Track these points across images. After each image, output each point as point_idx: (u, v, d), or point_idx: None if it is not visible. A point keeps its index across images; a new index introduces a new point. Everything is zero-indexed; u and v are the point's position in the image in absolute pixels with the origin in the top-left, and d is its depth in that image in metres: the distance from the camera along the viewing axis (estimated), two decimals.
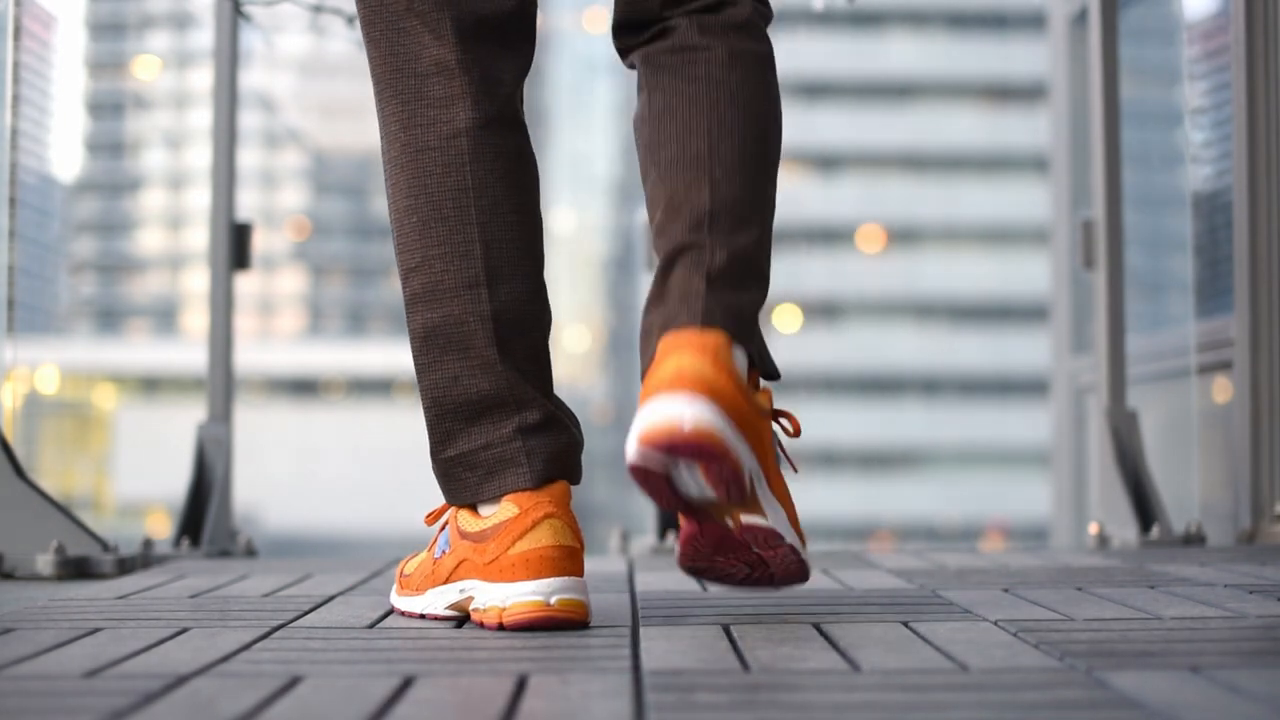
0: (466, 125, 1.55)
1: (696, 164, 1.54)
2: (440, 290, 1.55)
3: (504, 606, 1.49)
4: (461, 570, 1.56)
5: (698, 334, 1.45)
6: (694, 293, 1.48)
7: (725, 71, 1.57)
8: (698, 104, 1.56)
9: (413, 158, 1.56)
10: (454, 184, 1.55)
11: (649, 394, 1.42)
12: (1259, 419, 2.82)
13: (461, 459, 1.56)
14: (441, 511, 1.64)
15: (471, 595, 1.55)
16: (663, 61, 1.60)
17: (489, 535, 1.52)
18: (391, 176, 1.60)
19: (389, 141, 1.61)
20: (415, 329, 1.58)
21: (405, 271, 1.58)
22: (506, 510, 1.52)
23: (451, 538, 1.58)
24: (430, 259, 1.56)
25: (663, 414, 1.40)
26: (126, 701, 1.11)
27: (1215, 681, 1.15)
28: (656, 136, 1.58)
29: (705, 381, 1.41)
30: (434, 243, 1.55)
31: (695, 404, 1.40)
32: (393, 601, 1.69)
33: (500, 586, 1.50)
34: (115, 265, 52.53)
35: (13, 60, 2.61)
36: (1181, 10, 4.01)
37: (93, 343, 48.33)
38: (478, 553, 1.53)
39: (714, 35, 1.59)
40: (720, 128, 1.55)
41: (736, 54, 1.58)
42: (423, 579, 1.62)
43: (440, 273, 1.55)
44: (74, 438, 42.27)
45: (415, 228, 1.56)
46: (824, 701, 1.10)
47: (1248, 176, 2.85)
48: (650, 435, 1.40)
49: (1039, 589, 1.82)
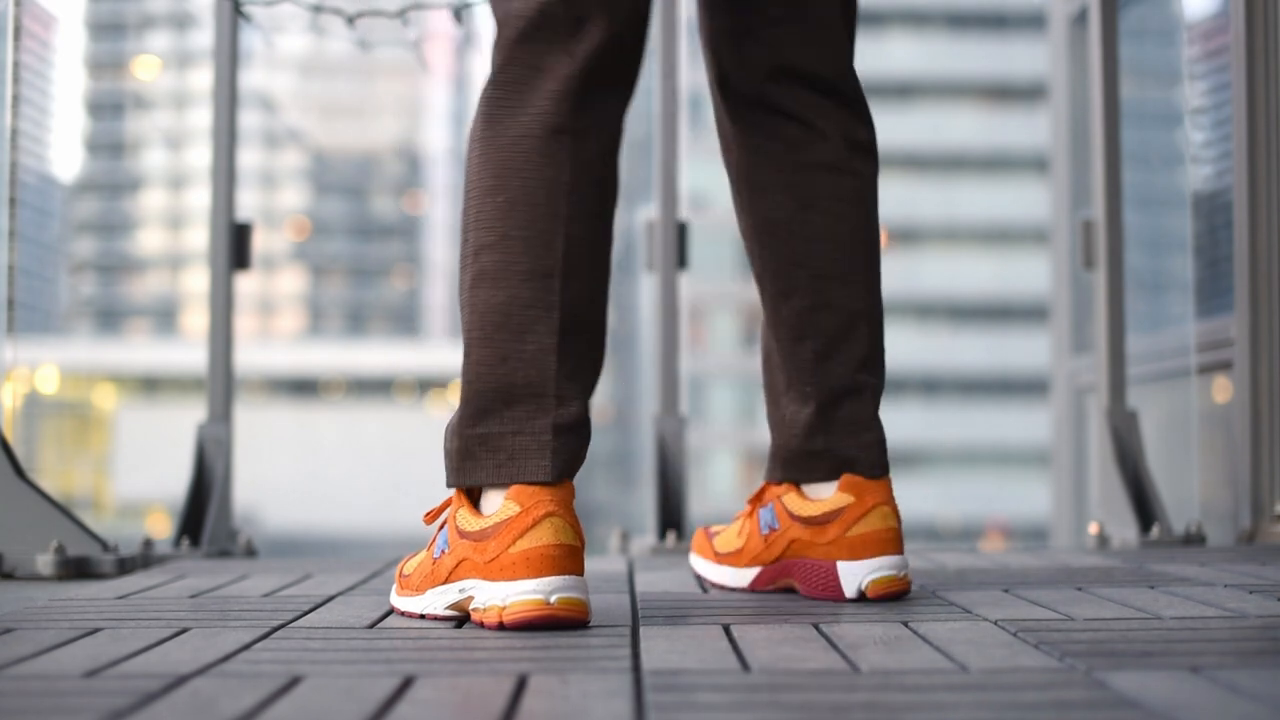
0: (573, 126, 1.60)
1: (860, 293, 1.80)
2: (513, 272, 1.58)
3: (504, 605, 1.49)
4: (461, 570, 1.56)
5: (888, 487, 1.77)
6: (874, 441, 1.79)
7: (872, 204, 1.83)
8: (858, 231, 1.81)
9: (513, 141, 1.60)
10: (551, 176, 1.59)
11: (877, 549, 1.74)
12: (1259, 419, 2.82)
13: (487, 439, 1.58)
14: (440, 510, 1.65)
15: (471, 595, 1.55)
16: (810, 164, 1.79)
17: (489, 534, 1.53)
18: (482, 152, 1.62)
19: (488, 121, 1.62)
20: (476, 303, 1.60)
21: (477, 246, 1.60)
22: (508, 509, 1.53)
23: (450, 537, 1.59)
24: (510, 240, 1.59)
25: (889, 571, 1.74)
26: (126, 701, 1.11)
27: (1215, 681, 1.15)
28: (818, 248, 1.79)
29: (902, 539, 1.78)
30: (517, 225, 1.59)
31: (905, 561, 1.76)
32: (393, 602, 1.69)
33: (500, 585, 1.50)
34: (115, 265, 52.51)
35: (13, 60, 2.61)
36: (1181, 10, 4.01)
37: (93, 343, 48.35)
38: (478, 551, 1.53)
39: (862, 157, 1.81)
40: (872, 263, 1.82)
41: (869, 180, 1.82)
42: (422, 579, 1.62)
43: (518, 255, 1.58)
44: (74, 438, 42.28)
45: (500, 207, 1.59)
46: (824, 701, 1.10)
47: (1248, 176, 2.85)
48: (880, 591, 1.73)
49: (1039, 589, 1.82)
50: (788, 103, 1.79)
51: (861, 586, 1.73)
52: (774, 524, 1.82)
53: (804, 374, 1.80)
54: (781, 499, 1.82)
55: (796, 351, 1.80)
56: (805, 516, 1.78)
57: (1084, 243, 3.10)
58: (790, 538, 1.80)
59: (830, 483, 1.79)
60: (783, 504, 1.82)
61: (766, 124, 1.80)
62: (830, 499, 1.77)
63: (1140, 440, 2.95)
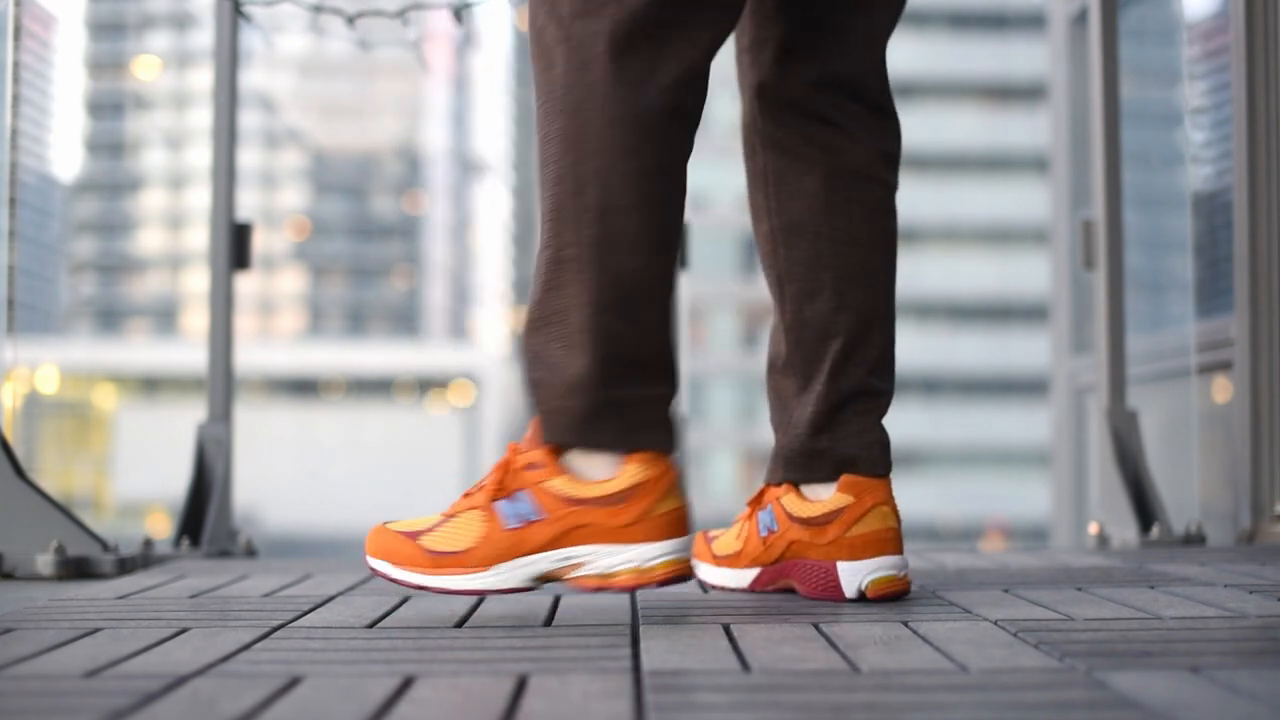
0: (693, 108, 1.64)
1: (879, 298, 1.82)
2: (647, 241, 1.60)
3: (646, 565, 1.55)
4: (575, 536, 1.56)
5: (887, 487, 1.78)
6: (877, 443, 1.79)
7: (894, 213, 1.86)
8: (881, 243, 1.84)
9: (651, 109, 1.60)
10: (681, 154, 1.63)
11: (877, 549, 1.74)
12: (1259, 419, 2.82)
13: (618, 403, 1.59)
14: (505, 466, 1.61)
15: (581, 561, 1.56)
16: (843, 171, 1.82)
17: (628, 497, 1.56)
18: (620, 111, 1.59)
19: (622, 81, 1.60)
20: (607, 264, 1.58)
21: (606, 205, 1.58)
22: (638, 473, 1.56)
23: (546, 503, 1.57)
24: (646, 210, 1.60)
25: (889, 571, 1.74)
26: (126, 701, 1.11)
27: (1215, 681, 1.15)
28: (841, 251, 1.81)
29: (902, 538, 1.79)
30: (652, 195, 1.60)
31: (904, 561, 1.77)
32: (423, 581, 1.60)
33: (642, 547, 1.56)
34: (115, 265, 52.51)
35: (13, 60, 2.61)
36: (1181, 10, 4.01)
37: (93, 343, 48.35)
38: (610, 516, 1.55)
39: (890, 168, 1.85)
40: (889, 271, 1.85)
41: (893, 191, 1.86)
42: (491, 553, 1.58)
43: (651, 226, 1.60)
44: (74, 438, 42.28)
45: (636, 170, 1.59)
46: (824, 701, 1.10)
47: (1248, 176, 2.85)
48: (880, 591, 1.73)
49: (1039, 589, 1.82)
50: (826, 109, 1.82)
51: (861, 586, 1.73)
52: (773, 526, 1.83)
53: (821, 375, 1.81)
54: (780, 500, 1.82)
55: (819, 353, 1.81)
56: (804, 517, 1.79)
57: (1084, 243, 3.10)
58: (789, 539, 1.80)
59: (830, 483, 1.79)
60: (781, 505, 1.82)
61: (804, 128, 1.83)
62: (829, 499, 1.78)
63: (1140, 440, 2.95)
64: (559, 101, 1.60)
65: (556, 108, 1.61)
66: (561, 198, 1.59)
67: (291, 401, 46.31)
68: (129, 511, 37.37)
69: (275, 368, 45.58)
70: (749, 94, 1.86)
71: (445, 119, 53.80)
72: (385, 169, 53.46)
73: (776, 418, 1.87)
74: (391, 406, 46.72)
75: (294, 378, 47.00)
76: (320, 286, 53.62)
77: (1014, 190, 42.00)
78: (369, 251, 53.33)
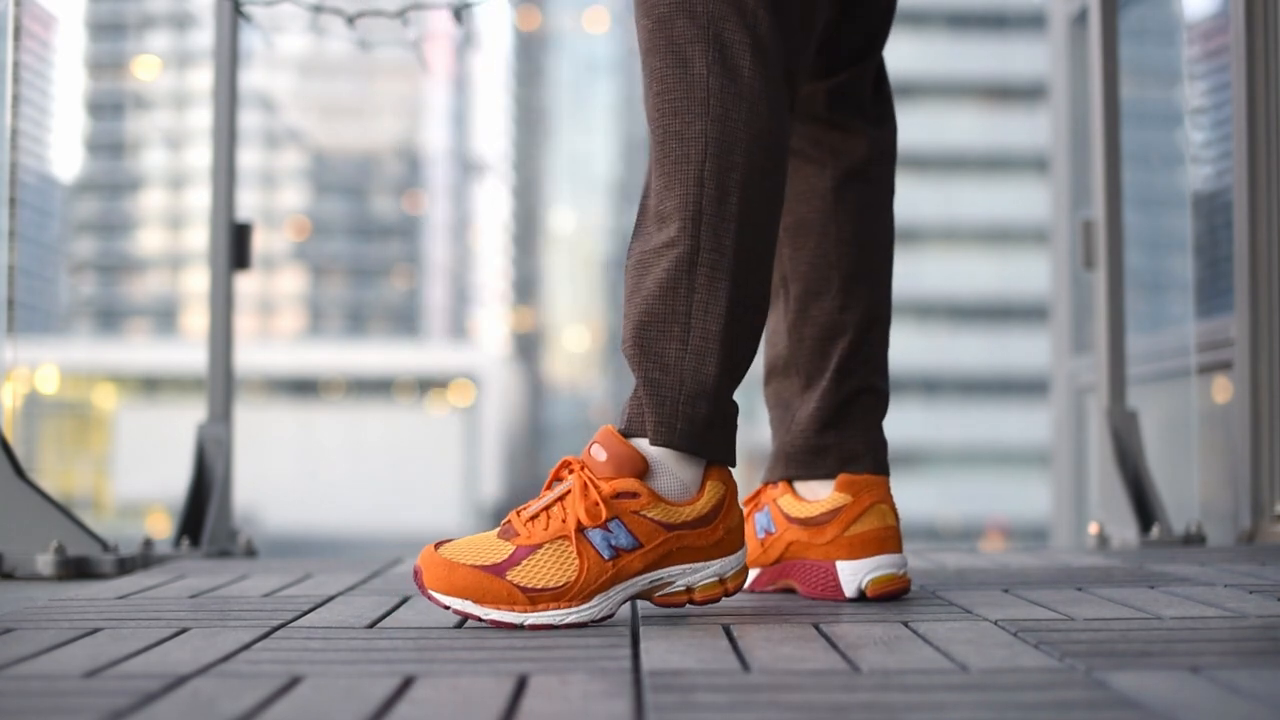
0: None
1: (881, 298, 1.85)
2: (769, 260, 1.64)
3: (725, 575, 1.59)
4: (667, 561, 1.56)
5: (885, 486, 1.79)
6: (880, 442, 1.82)
7: (892, 211, 1.91)
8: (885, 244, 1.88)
9: (784, 132, 1.65)
10: (785, 181, 1.66)
11: (876, 547, 1.74)
12: (1259, 419, 2.81)
13: (730, 415, 1.62)
14: (595, 500, 1.55)
15: (670, 580, 1.57)
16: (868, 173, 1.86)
17: (717, 516, 1.59)
18: (756, 126, 1.61)
19: (760, 94, 1.62)
20: (740, 277, 1.60)
21: (745, 221, 1.60)
22: (716, 491, 1.59)
23: (640, 532, 1.54)
24: (776, 227, 1.64)
25: (889, 569, 1.75)
26: (126, 701, 1.11)
27: (1215, 681, 1.15)
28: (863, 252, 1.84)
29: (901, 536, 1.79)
30: (777, 214, 1.64)
31: (904, 559, 1.77)
32: (522, 620, 1.52)
33: (724, 561, 1.60)
34: (115, 265, 52.50)
35: (13, 60, 2.61)
36: (1181, 10, 4.01)
37: (93, 343, 48.34)
38: (703, 537, 1.58)
39: (889, 165, 1.88)
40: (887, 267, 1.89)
41: (892, 188, 1.90)
42: (591, 584, 1.53)
43: (773, 244, 1.64)
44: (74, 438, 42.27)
45: (773, 188, 1.63)
46: (824, 701, 1.10)
47: (1248, 176, 2.85)
48: (879, 589, 1.73)
49: (1039, 589, 1.82)
50: (834, 112, 1.85)
51: (861, 585, 1.73)
52: (770, 527, 1.83)
53: (827, 373, 1.82)
54: (777, 502, 1.83)
55: (825, 352, 1.82)
56: (803, 518, 1.79)
57: (1084, 243, 3.10)
58: (788, 540, 1.80)
59: (827, 481, 1.79)
60: (778, 507, 1.82)
61: (813, 132, 1.85)
62: (827, 499, 1.78)
63: (1140, 440, 2.95)
64: (701, 104, 1.59)
65: (699, 110, 1.59)
66: (703, 202, 1.58)
67: (291, 401, 46.30)
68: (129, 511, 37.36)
69: (275, 368, 45.57)
70: None
71: (445, 119, 53.80)
72: (385, 169, 53.46)
73: (776, 418, 1.87)
74: (391, 406, 46.71)
75: (294, 378, 46.99)
76: (320, 286, 53.62)
77: (1014, 190, 42.00)
78: (369, 251, 53.32)
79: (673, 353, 1.57)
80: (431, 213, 53.68)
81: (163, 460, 16.57)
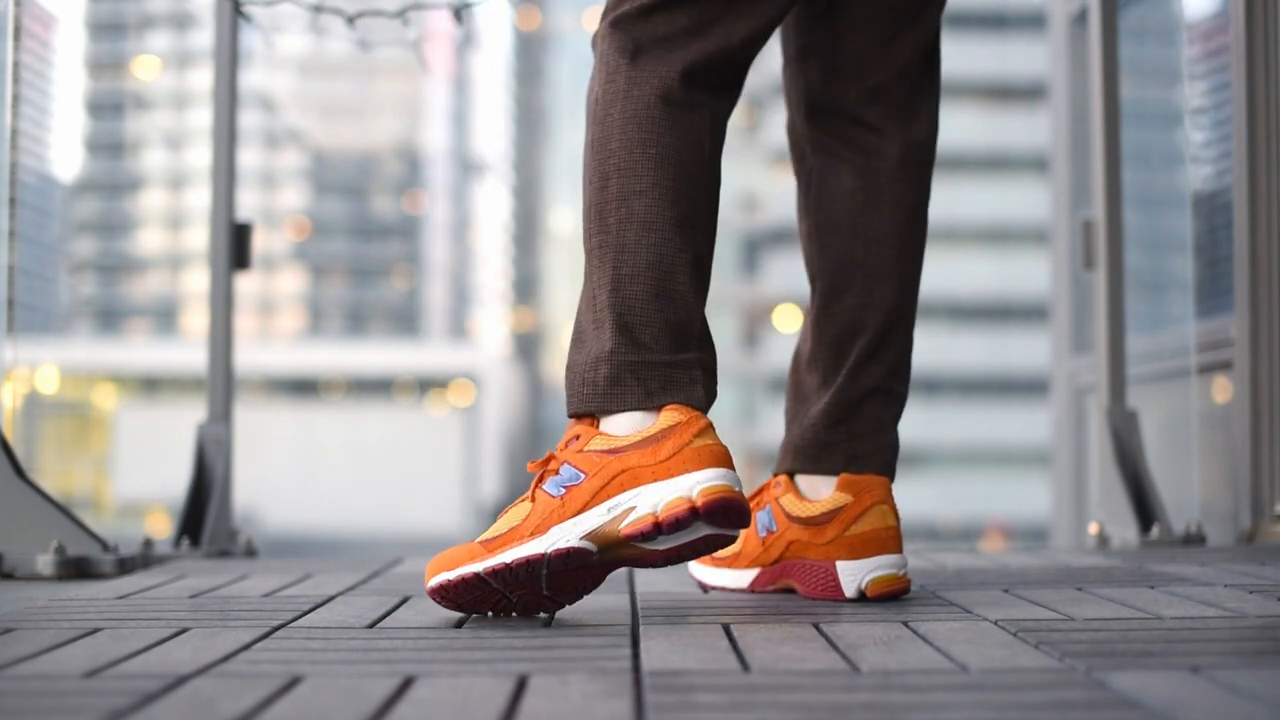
0: (714, 104, 1.70)
1: (904, 299, 1.87)
2: (661, 219, 1.64)
3: (692, 493, 1.53)
4: (615, 485, 1.56)
5: (886, 486, 1.80)
6: (889, 444, 1.84)
7: (925, 212, 1.93)
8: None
9: (657, 103, 1.66)
10: (694, 140, 1.68)
11: (876, 547, 1.75)
12: (1259, 419, 2.81)
13: (640, 367, 1.61)
14: (545, 461, 1.63)
15: (630, 507, 1.55)
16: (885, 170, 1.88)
17: (663, 437, 1.56)
18: (626, 108, 1.67)
19: (624, 82, 1.68)
20: (626, 242, 1.64)
21: (624, 191, 1.65)
22: (670, 418, 1.57)
23: (585, 462, 1.58)
24: (662, 189, 1.64)
25: (889, 570, 1.75)
26: (126, 701, 1.11)
27: (1215, 681, 1.15)
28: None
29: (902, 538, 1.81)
30: (665, 176, 1.65)
31: (904, 559, 1.78)
32: (480, 567, 1.58)
33: (685, 477, 1.54)
34: (115, 265, 52.50)
35: (13, 60, 2.61)
36: (1181, 10, 4.01)
37: (93, 343, 48.33)
38: (648, 455, 1.56)
39: (923, 166, 1.93)
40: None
41: (927, 189, 1.93)
42: (542, 519, 1.58)
43: (668, 204, 1.65)
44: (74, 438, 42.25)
45: (650, 157, 1.65)
46: (824, 701, 1.10)
47: (1248, 176, 2.85)
48: (879, 589, 1.74)
49: (1039, 589, 1.82)
50: (866, 112, 1.87)
51: (861, 585, 1.74)
52: (771, 526, 1.83)
53: (843, 370, 1.83)
54: (779, 501, 1.83)
55: (843, 349, 1.84)
56: (803, 517, 1.79)
57: (1084, 243, 3.10)
58: (788, 539, 1.81)
59: (831, 479, 1.80)
60: (780, 506, 1.82)
61: (845, 132, 1.87)
62: (828, 499, 1.78)
63: (1140, 440, 2.95)
64: (590, 115, 1.69)
65: (589, 121, 1.69)
66: (591, 196, 1.67)
67: (291, 401, 46.29)
68: (129, 511, 37.35)
69: (275, 368, 45.56)
70: (795, 101, 1.91)
71: (445, 119, 53.79)
72: (385, 169, 53.46)
73: (792, 410, 1.88)
74: (391, 406, 46.70)
75: (294, 378, 46.98)
76: (320, 286, 53.61)
77: (1014, 190, 41.99)
78: (369, 251, 53.32)
79: (589, 333, 1.65)
80: (431, 213, 53.68)
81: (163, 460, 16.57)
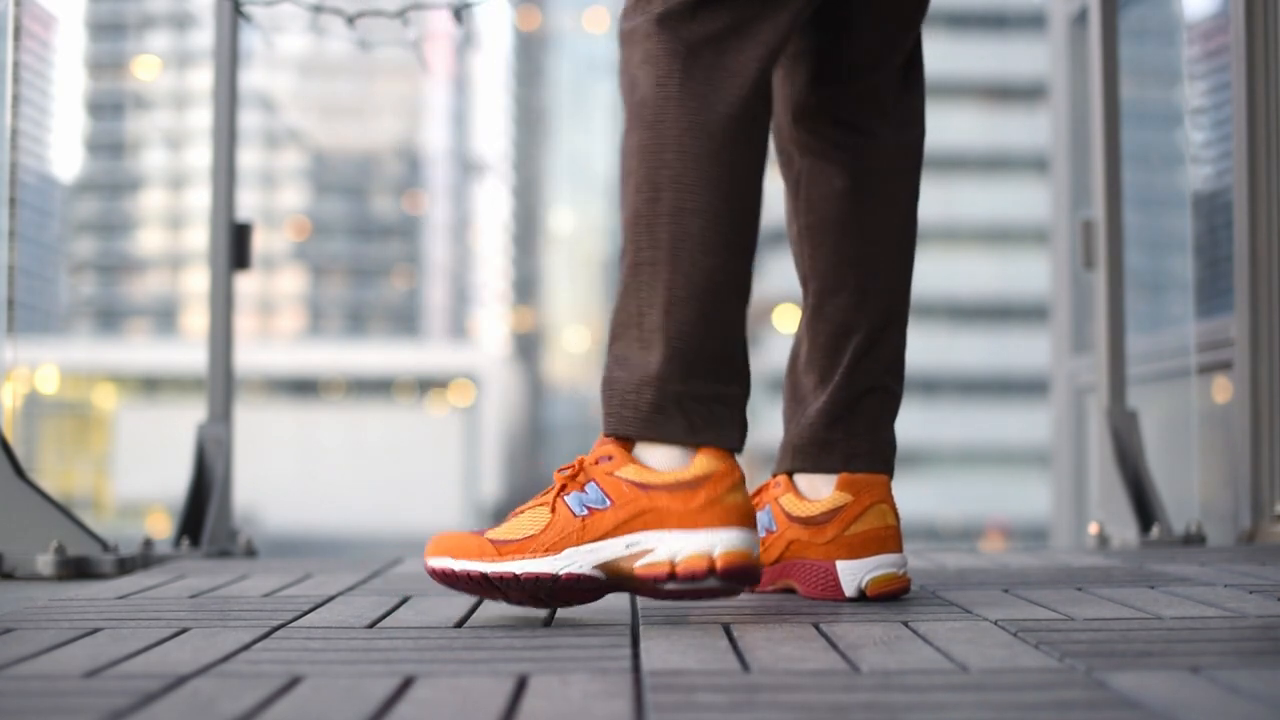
0: (764, 115, 1.66)
1: (898, 298, 1.87)
2: (721, 242, 1.61)
3: (715, 552, 1.52)
4: (638, 522, 1.55)
5: (886, 485, 1.79)
6: (887, 442, 1.83)
7: (915, 210, 1.92)
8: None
9: (729, 114, 1.63)
10: (752, 153, 1.65)
11: (876, 547, 1.75)
12: (1259, 419, 2.81)
13: (685, 398, 1.59)
14: (579, 467, 1.61)
15: (649, 549, 1.54)
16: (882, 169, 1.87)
17: (699, 485, 1.55)
18: (695, 118, 1.62)
19: (693, 91, 1.63)
20: (680, 262, 1.60)
21: (679, 206, 1.61)
22: (707, 465, 1.56)
23: (613, 491, 1.57)
24: (719, 210, 1.61)
25: (889, 569, 1.75)
26: (126, 701, 1.11)
27: (1215, 681, 1.15)
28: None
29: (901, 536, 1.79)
30: (722, 196, 1.62)
31: (904, 559, 1.78)
32: (488, 569, 1.58)
33: (712, 533, 1.53)
34: (115, 265, 52.51)
35: (13, 60, 2.61)
36: (1181, 10, 4.01)
37: (93, 343, 48.33)
38: (678, 501, 1.54)
39: (914, 165, 1.90)
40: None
41: (917, 188, 1.90)
42: (559, 537, 1.57)
43: (727, 227, 1.62)
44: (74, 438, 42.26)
45: (709, 174, 1.61)
46: (824, 701, 1.10)
47: (1248, 176, 2.85)
48: (879, 589, 1.74)
49: (1039, 589, 1.82)
50: (856, 113, 1.85)
51: (861, 585, 1.74)
52: (771, 526, 1.83)
53: (839, 370, 1.83)
54: (778, 501, 1.83)
55: (838, 348, 1.83)
56: (803, 517, 1.79)
57: (1084, 243, 3.09)
58: (788, 539, 1.81)
59: (830, 478, 1.80)
60: (779, 506, 1.83)
61: (834, 133, 1.86)
62: (828, 498, 1.78)
63: (1140, 440, 2.95)
64: (638, 118, 1.64)
65: (636, 123, 1.64)
66: (639, 205, 1.62)
67: (291, 401, 46.31)
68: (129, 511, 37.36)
69: (275, 368, 45.57)
70: (784, 104, 1.89)
71: (445, 119, 53.80)
72: (385, 169, 53.46)
73: (789, 411, 1.88)
74: (391, 406, 46.72)
75: (294, 378, 46.99)
76: (320, 286, 53.63)
77: (1014, 190, 42.01)
78: (369, 251, 53.33)
79: (632, 352, 1.62)
80: (431, 213, 53.68)
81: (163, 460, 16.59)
